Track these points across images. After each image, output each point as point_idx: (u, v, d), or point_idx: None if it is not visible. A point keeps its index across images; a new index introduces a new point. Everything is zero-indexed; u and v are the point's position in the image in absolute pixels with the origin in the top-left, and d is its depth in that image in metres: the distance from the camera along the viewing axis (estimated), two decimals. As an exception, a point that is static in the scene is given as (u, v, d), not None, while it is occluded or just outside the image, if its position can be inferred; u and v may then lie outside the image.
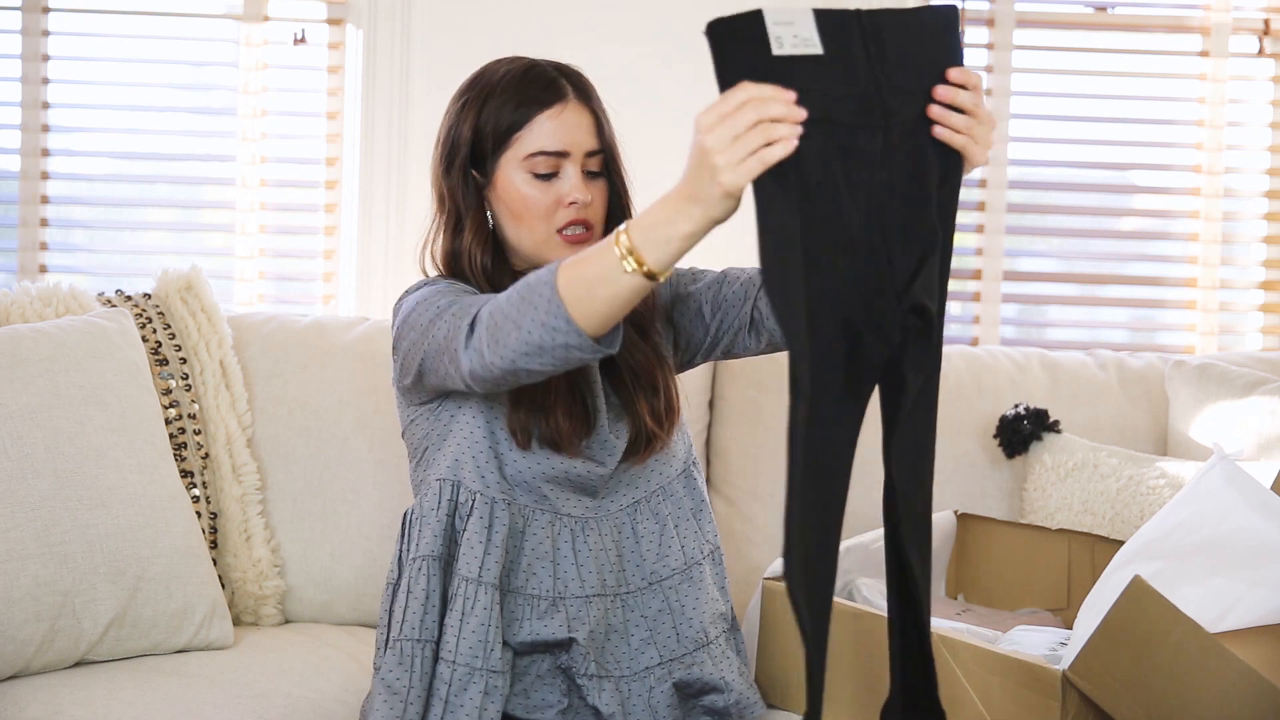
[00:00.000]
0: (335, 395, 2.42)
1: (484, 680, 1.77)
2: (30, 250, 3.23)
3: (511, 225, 1.90)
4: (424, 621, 1.80)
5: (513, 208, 1.89)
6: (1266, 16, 3.30)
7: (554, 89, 1.89)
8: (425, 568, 1.82)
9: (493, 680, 1.78)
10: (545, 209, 1.88)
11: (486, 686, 1.77)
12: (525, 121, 1.88)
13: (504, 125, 1.89)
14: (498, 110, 1.89)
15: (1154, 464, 2.26)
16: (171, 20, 3.26)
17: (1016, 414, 2.40)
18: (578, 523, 1.87)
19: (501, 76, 1.91)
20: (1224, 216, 3.32)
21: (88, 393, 2.12)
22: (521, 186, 1.88)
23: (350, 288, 3.19)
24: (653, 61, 3.17)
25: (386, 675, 1.78)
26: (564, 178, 1.88)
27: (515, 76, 1.90)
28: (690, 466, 1.96)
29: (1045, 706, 1.62)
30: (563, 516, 1.86)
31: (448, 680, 1.78)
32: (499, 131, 1.89)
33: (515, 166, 1.88)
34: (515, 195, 1.88)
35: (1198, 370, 2.40)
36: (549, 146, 1.87)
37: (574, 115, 1.89)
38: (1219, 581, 1.66)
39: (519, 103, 1.88)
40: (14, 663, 1.99)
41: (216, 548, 2.31)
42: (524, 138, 1.87)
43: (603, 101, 1.94)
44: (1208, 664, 1.54)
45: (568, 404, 1.85)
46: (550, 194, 1.88)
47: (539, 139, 1.87)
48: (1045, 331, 3.43)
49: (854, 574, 2.05)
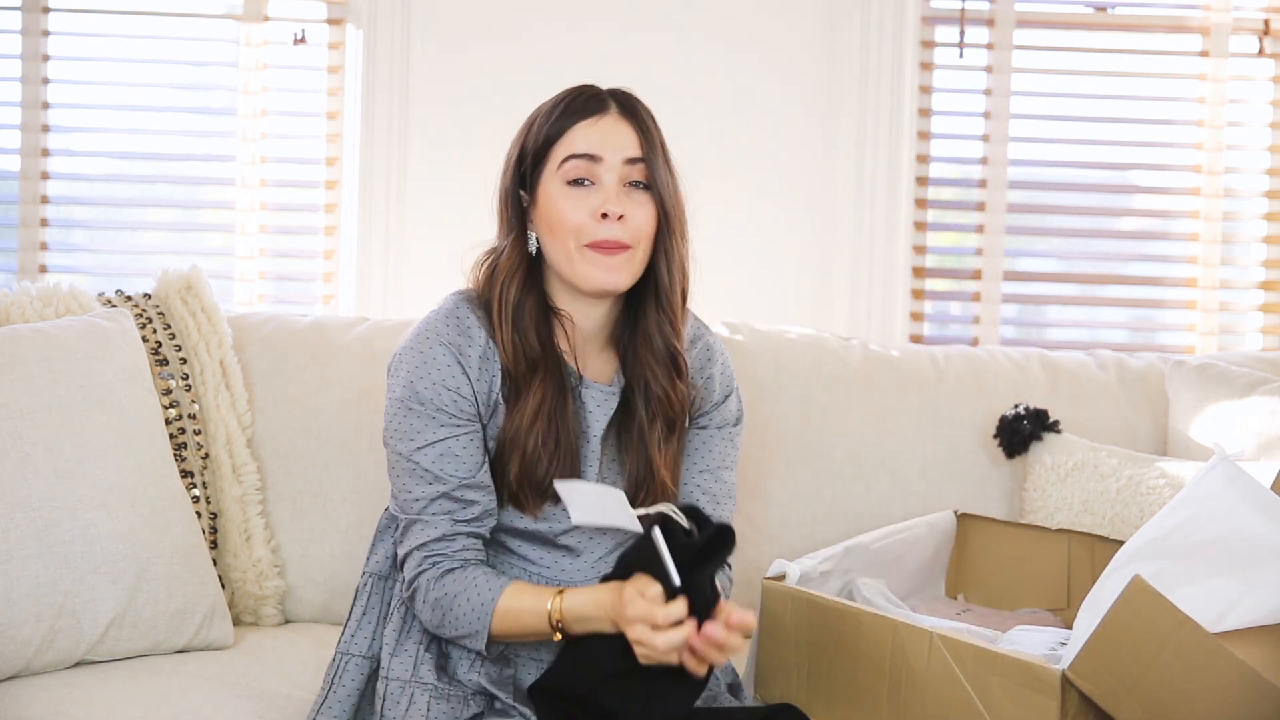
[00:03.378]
0: (335, 395, 2.42)
1: (423, 693, 1.82)
2: (30, 250, 3.23)
3: (549, 241, 1.85)
4: (372, 637, 1.92)
5: (549, 221, 1.83)
6: (1266, 16, 3.30)
7: (596, 102, 1.85)
8: (369, 584, 1.94)
9: (423, 691, 1.83)
10: (579, 220, 1.81)
11: (418, 699, 1.82)
12: (563, 132, 1.83)
13: (544, 138, 1.84)
14: (541, 126, 1.85)
15: (1154, 464, 2.26)
16: (171, 20, 3.26)
17: (1016, 414, 2.40)
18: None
19: (554, 98, 1.88)
20: (1224, 216, 3.32)
21: (88, 393, 2.12)
22: (556, 198, 1.83)
23: (350, 288, 3.19)
24: (655, 59, 3.17)
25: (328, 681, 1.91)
26: (600, 188, 1.82)
27: (565, 95, 1.87)
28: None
29: (1045, 706, 1.63)
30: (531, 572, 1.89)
31: (382, 695, 1.85)
32: (539, 145, 1.85)
33: (553, 177, 1.84)
34: (551, 207, 1.83)
35: (1198, 370, 2.40)
36: (579, 149, 1.82)
37: (613, 125, 1.84)
38: (1219, 581, 1.66)
39: (560, 115, 1.84)
40: (14, 663, 1.99)
41: (216, 548, 2.31)
42: (560, 146, 1.83)
43: (659, 126, 1.87)
44: (1208, 664, 1.54)
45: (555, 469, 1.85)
46: (584, 205, 1.82)
47: (572, 144, 1.83)
48: (1045, 331, 3.43)
49: (854, 574, 2.05)
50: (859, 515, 2.42)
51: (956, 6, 3.29)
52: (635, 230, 1.82)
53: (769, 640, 1.91)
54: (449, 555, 1.82)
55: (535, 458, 1.82)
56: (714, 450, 1.96)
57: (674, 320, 1.88)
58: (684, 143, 1.88)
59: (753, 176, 3.23)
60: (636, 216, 1.82)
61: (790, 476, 2.43)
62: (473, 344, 1.84)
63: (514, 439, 1.83)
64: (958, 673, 1.70)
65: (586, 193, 1.82)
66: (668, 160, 1.86)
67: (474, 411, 1.83)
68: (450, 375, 1.82)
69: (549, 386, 1.83)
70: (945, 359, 2.55)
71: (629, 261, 1.83)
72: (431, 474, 1.81)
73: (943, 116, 3.34)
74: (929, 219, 3.34)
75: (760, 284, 3.24)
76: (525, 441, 1.82)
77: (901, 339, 3.25)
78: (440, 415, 1.82)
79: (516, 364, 1.83)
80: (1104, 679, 1.59)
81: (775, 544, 2.40)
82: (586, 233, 1.81)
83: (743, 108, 3.20)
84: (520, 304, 1.85)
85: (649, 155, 1.83)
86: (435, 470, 1.81)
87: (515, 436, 1.82)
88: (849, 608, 1.84)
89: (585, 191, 1.82)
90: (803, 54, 3.22)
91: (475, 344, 1.84)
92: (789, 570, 1.93)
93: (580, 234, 1.81)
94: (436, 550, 1.82)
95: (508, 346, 1.84)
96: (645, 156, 1.83)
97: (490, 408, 1.85)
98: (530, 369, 1.84)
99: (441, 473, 1.81)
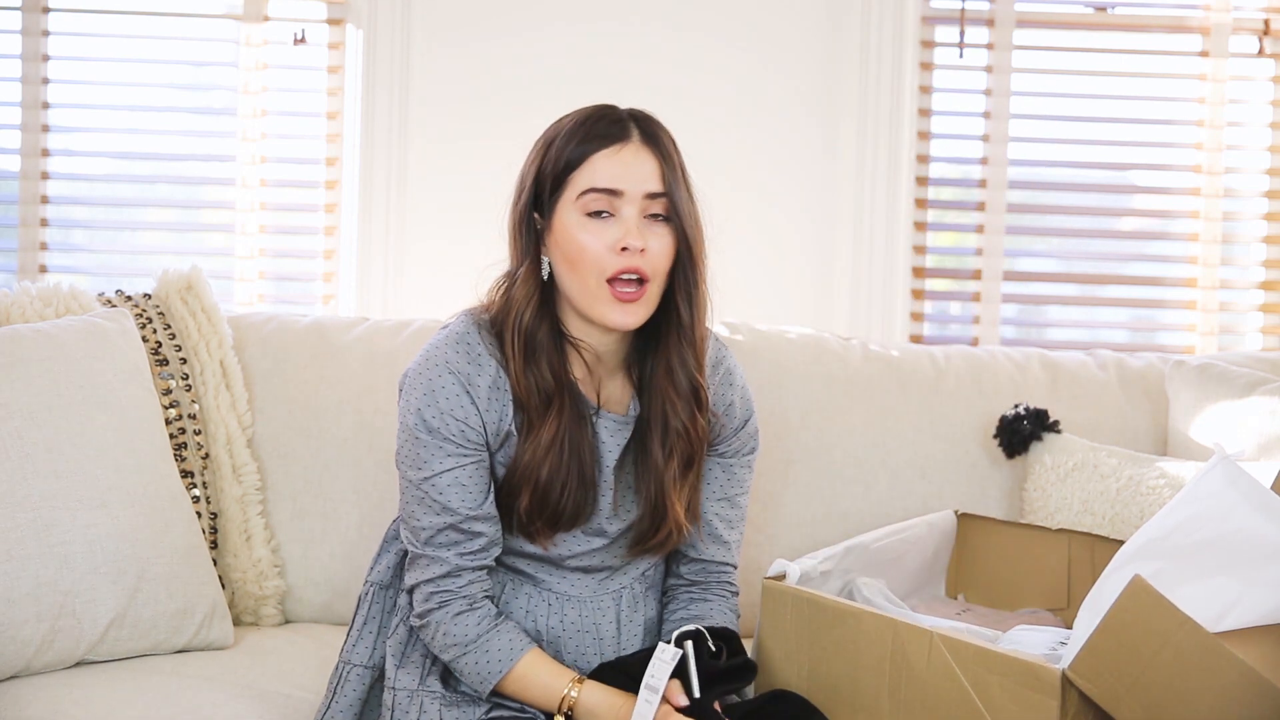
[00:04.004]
0: (335, 395, 2.42)
1: (432, 702, 1.83)
2: (30, 250, 3.23)
3: (565, 272, 1.80)
4: (373, 646, 1.92)
5: (566, 252, 1.79)
6: (1266, 16, 3.30)
7: (618, 128, 1.80)
8: (371, 594, 1.95)
9: (432, 699, 1.83)
10: (597, 254, 1.76)
11: (429, 708, 1.83)
12: (583, 159, 1.78)
13: (563, 163, 1.79)
14: (560, 149, 1.80)
15: (1154, 464, 2.26)
16: (171, 20, 3.26)
17: (1016, 414, 2.40)
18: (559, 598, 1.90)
19: (573, 117, 1.83)
20: (1224, 216, 3.32)
21: (88, 393, 2.12)
22: (574, 229, 1.78)
23: (350, 288, 3.19)
24: (655, 58, 3.17)
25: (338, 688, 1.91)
26: (620, 221, 1.78)
27: (583, 116, 1.82)
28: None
29: (1045, 706, 1.63)
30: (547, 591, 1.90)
31: (390, 705, 1.86)
32: (558, 170, 1.80)
33: (570, 207, 1.79)
34: (568, 238, 1.78)
35: (1198, 370, 2.40)
36: (601, 183, 1.77)
37: (634, 155, 1.78)
38: (1219, 581, 1.66)
39: (580, 139, 1.79)
40: (14, 663, 1.99)
41: (216, 548, 2.31)
42: (580, 175, 1.78)
43: (679, 150, 1.83)
44: (1208, 664, 1.54)
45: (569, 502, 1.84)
46: (604, 238, 1.77)
47: (593, 176, 1.78)
48: (1045, 331, 3.43)
49: (854, 574, 2.05)
50: (859, 515, 2.42)
51: (956, 6, 3.29)
52: (654, 263, 1.79)
53: (769, 640, 1.91)
54: (455, 592, 1.82)
55: (548, 489, 1.80)
56: (733, 478, 1.96)
57: (698, 354, 1.85)
58: (684, 141, 1.87)
59: (752, 176, 3.23)
60: (655, 249, 1.78)
61: (790, 476, 2.43)
62: (482, 373, 1.81)
63: (526, 470, 1.80)
64: (958, 673, 1.70)
65: (605, 225, 1.78)
66: (689, 188, 1.82)
67: (482, 441, 1.81)
68: (459, 405, 1.80)
69: (564, 418, 1.81)
70: (945, 359, 2.55)
71: (646, 300, 1.79)
72: (440, 504, 1.81)
73: (943, 116, 3.34)
74: (929, 219, 3.35)
75: (760, 284, 3.24)
76: (539, 473, 1.80)
77: (901, 339, 3.25)
78: (448, 445, 1.80)
79: (529, 397, 1.81)
80: (1104, 679, 1.59)
81: (775, 544, 2.40)
82: (607, 265, 1.77)
83: (742, 107, 3.20)
84: (534, 334, 1.81)
85: (671, 188, 1.79)
86: (444, 501, 1.80)
87: (528, 467, 1.80)
88: (849, 608, 1.83)
89: (604, 224, 1.78)
90: (803, 54, 3.22)
91: (485, 373, 1.81)
92: (789, 570, 1.93)
93: (601, 268, 1.77)
94: (444, 587, 1.82)
95: (521, 380, 1.80)
96: (668, 190, 1.79)
97: (501, 437, 1.83)
98: (545, 403, 1.81)
99: (449, 504, 1.80)
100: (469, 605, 1.81)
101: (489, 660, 1.79)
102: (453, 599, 1.81)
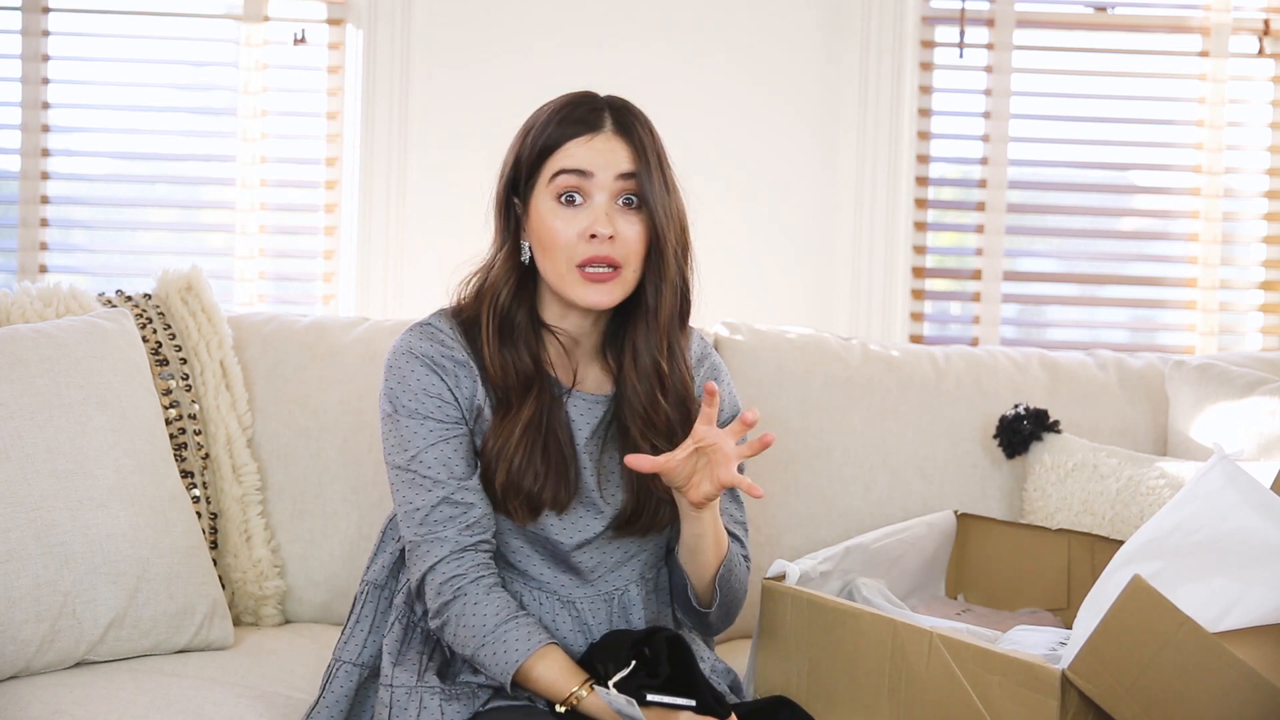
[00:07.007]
0: (335, 395, 2.42)
1: (432, 697, 1.82)
2: (30, 250, 3.23)
3: (540, 255, 1.84)
4: (364, 644, 1.92)
5: (540, 236, 1.82)
6: (1266, 16, 3.30)
7: (594, 115, 1.83)
8: (365, 593, 1.94)
9: (432, 694, 1.82)
10: (568, 240, 1.80)
11: (429, 703, 1.81)
12: (558, 145, 1.82)
13: (539, 149, 1.83)
14: (537, 135, 1.83)
15: (1154, 464, 2.26)
16: (171, 20, 3.26)
17: (1016, 414, 2.40)
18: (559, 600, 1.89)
19: (552, 104, 1.86)
20: (1224, 216, 3.33)
21: (88, 393, 2.12)
22: (546, 215, 1.81)
23: (350, 288, 3.19)
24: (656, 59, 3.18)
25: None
26: (590, 208, 1.81)
27: (561, 103, 1.85)
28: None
29: (1045, 706, 1.63)
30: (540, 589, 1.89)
31: (388, 703, 1.84)
32: (534, 156, 1.83)
33: (544, 191, 1.82)
34: (541, 222, 1.82)
35: (1198, 370, 2.40)
36: (569, 165, 1.80)
37: (605, 142, 1.81)
38: (1219, 581, 1.66)
39: (556, 125, 1.82)
40: (14, 663, 1.99)
41: (216, 548, 2.31)
42: (554, 160, 1.82)
43: (658, 137, 1.85)
44: (1208, 664, 1.54)
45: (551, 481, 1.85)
46: (575, 224, 1.80)
47: (565, 159, 1.81)
48: (1045, 331, 3.43)
49: (854, 574, 2.05)
50: (859, 515, 2.43)
51: (956, 6, 3.30)
52: (626, 249, 1.81)
53: (769, 640, 1.91)
54: (464, 576, 1.80)
55: (521, 470, 1.82)
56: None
57: (661, 338, 1.86)
58: (683, 139, 1.88)
59: (752, 176, 3.23)
60: (627, 234, 1.81)
61: (790, 476, 2.43)
62: (447, 352, 1.84)
63: (500, 451, 1.82)
64: (958, 673, 1.70)
65: (576, 211, 1.81)
66: (664, 175, 1.84)
67: (459, 415, 1.83)
68: (430, 383, 1.83)
69: (541, 402, 1.83)
70: (945, 359, 2.55)
71: (620, 282, 1.82)
72: (430, 479, 1.81)
73: (943, 116, 3.35)
74: (929, 219, 3.35)
75: (760, 284, 3.24)
76: (513, 454, 1.81)
77: (901, 339, 3.25)
78: (428, 422, 1.82)
79: (507, 379, 1.83)
80: (1104, 679, 1.59)
81: (775, 544, 2.40)
82: (577, 252, 1.80)
83: (742, 108, 3.20)
84: (511, 315, 1.85)
85: (641, 172, 1.81)
86: (433, 474, 1.81)
87: (503, 449, 1.82)
88: (849, 608, 1.84)
89: (575, 210, 1.81)
90: (803, 55, 3.22)
91: (450, 353, 1.84)
92: (789, 570, 1.93)
93: (571, 253, 1.80)
94: (450, 573, 1.80)
95: (495, 363, 1.83)
96: (637, 172, 1.81)
97: (473, 413, 1.85)
98: (524, 386, 1.83)
99: (438, 476, 1.81)
100: (477, 598, 1.80)
101: (502, 656, 1.77)
102: (463, 589, 1.80)
